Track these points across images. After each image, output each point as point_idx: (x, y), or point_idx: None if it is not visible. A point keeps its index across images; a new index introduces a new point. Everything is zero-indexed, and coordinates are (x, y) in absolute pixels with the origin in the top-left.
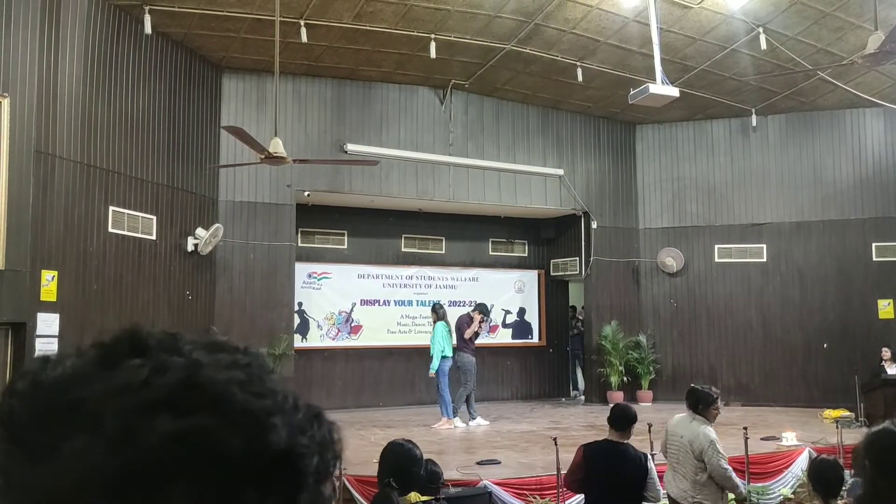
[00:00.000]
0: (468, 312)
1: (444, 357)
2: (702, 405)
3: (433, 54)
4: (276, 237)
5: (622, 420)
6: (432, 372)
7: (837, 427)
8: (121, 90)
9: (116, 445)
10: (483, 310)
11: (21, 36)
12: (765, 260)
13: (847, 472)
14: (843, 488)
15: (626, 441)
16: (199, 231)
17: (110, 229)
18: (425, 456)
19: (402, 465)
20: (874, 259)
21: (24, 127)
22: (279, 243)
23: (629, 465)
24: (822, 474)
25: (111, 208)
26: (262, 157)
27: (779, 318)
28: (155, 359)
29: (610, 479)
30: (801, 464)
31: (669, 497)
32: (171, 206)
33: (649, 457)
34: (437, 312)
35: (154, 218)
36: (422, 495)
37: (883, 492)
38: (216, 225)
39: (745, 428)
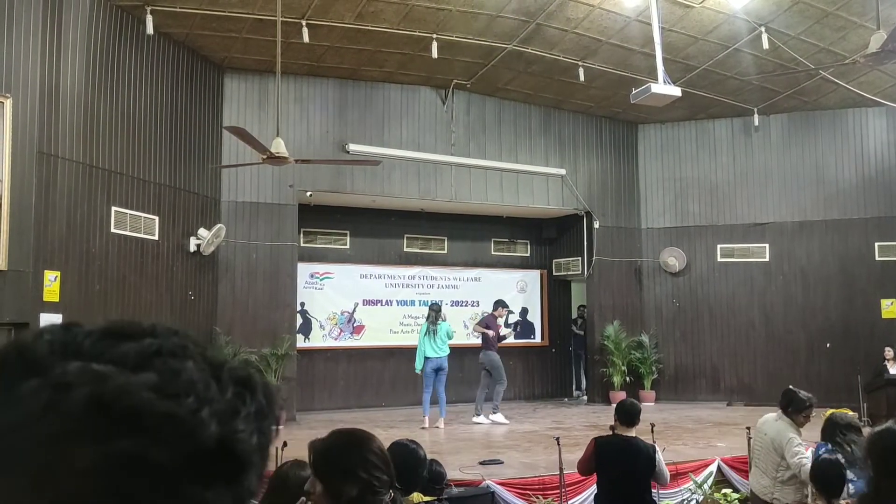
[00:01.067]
0: (491, 313)
1: (426, 357)
2: (792, 408)
3: (435, 54)
4: (279, 237)
5: (628, 415)
6: (441, 367)
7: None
8: (123, 91)
9: (39, 488)
10: (503, 304)
11: (23, 37)
12: (767, 259)
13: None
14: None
15: (633, 434)
16: (202, 231)
17: (113, 230)
18: (428, 456)
19: (405, 465)
20: (877, 259)
21: (27, 128)
22: (281, 243)
23: (640, 457)
24: (825, 474)
25: (113, 209)
26: (265, 157)
27: (781, 317)
28: (52, 374)
29: (621, 471)
30: None
31: (752, 492)
32: (174, 207)
33: (657, 449)
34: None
35: (156, 218)
36: (425, 496)
37: (885, 491)
38: (218, 225)
39: (748, 428)
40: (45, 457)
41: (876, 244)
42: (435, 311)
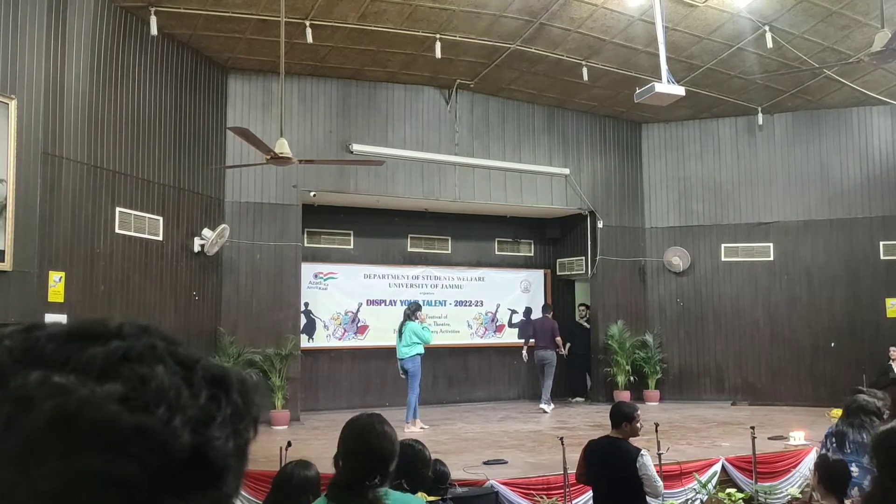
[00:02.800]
0: (548, 317)
1: (399, 358)
2: None
3: (438, 54)
4: (283, 237)
5: (615, 416)
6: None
7: None
8: (127, 91)
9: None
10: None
11: (28, 38)
12: (772, 259)
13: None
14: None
15: (621, 437)
16: (206, 232)
17: (117, 230)
18: (432, 456)
19: (411, 465)
20: (882, 258)
21: (32, 128)
22: (285, 243)
23: (619, 458)
24: (832, 473)
25: (118, 209)
26: (268, 157)
27: (786, 317)
28: (12, 386)
29: (606, 474)
30: (808, 463)
31: None
32: (178, 207)
33: (643, 452)
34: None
35: (160, 219)
36: (430, 495)
37: (891, 491)
38: (222, 225)
39: (753, 427)
40: (10, 477)
41: (881, 243)
42: (412, 310)
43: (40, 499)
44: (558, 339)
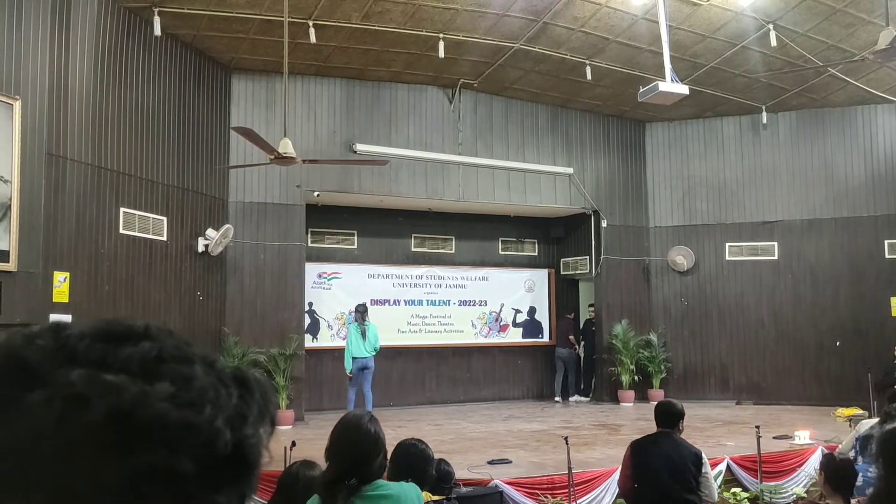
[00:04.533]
0: (567, 317)
1: (354, 357)
2: None
3: (442, 54)
4: (286, 237)
5: (670, 415)
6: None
7: (850, 426)
8: (131, 92)
9: (53, 499)
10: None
11: (32, 39)
12: (776, 258)
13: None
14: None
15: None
16: (210, 232)
17: (121, 230)
18: (436, 455)
19: (414, 465)
20: (887, 256)
21: (36, 129)
22: (289, 243)
23: (682, 458)
24: (839, 473)
25: (122, 210)
26: (272, 157)
27: (791, 316)
28: (56, 384)
29: (665, 474)
30: (813, 463)
31: None
32: (182, 207)
33: (703, 453)
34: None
35: (165, 219)
36: (433, 495)
37: None
38: (226, 226)
39: (758, 427)
40: (66, 472)
41: (886, 242)
42: (361, 312)
43: (101, 493)
44: (571, 337)
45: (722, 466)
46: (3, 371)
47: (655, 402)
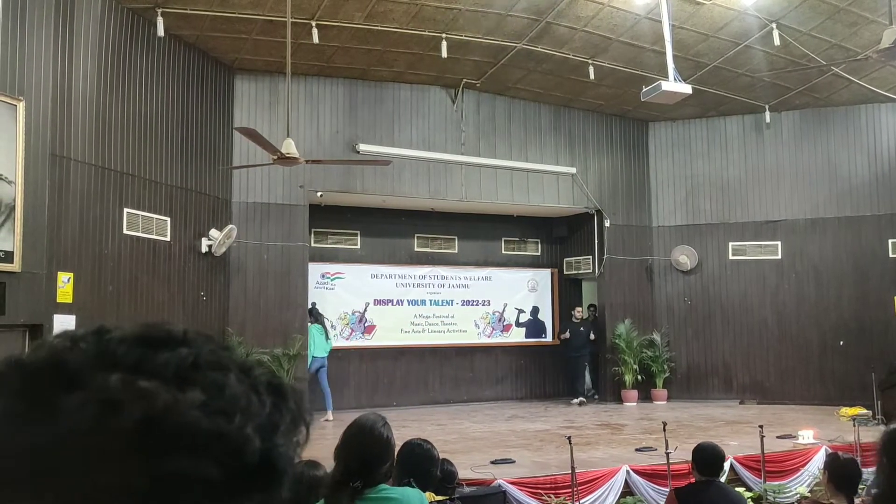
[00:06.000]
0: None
1: (314, 357)
2: None
3: (444, 54)
4: (290, 238)
5: (716, 460)
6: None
7: (854, 425)
8: (134, 93)
9: (81, 499)
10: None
11: (35, 40)
12: (780, 257)
13: (865, 470)
14: (861, 487)
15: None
16: (213, 232)
17: (125, 231)
18: (440, 455)
19: (419, 465)
20: (890, 255)
21: (40, 130)
22: (292, 244)
23: (732, 500)
24: (842, 472)
25: (126, 210)
26: (275, 157)
27: (794, 315)
28: (93, 387)
29: None
30: (817, 462)
31: None
32: (185, 208)
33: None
34: (314, 315)
35: (168, 219)
36: (437, 495)
37: None
38: (230, 226)
39: (761, 426)
40: (94, 474)
41: (889, 241)
42: (315, 315)
43: (128, 496)
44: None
45: (726, 466)
46: (44, 372)
47: (661, 403)
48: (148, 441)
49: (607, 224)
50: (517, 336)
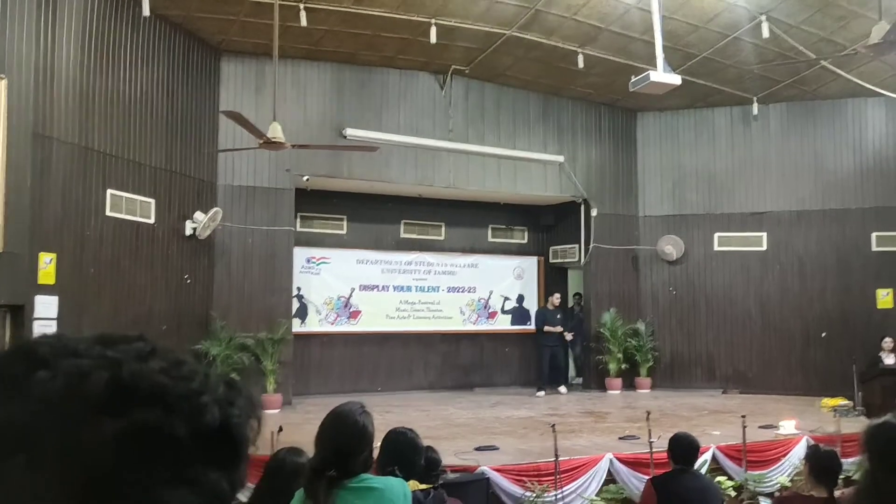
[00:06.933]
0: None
1: None
2: None
3: (433, 39)
4: (275, 222)
5: (691, 450)
6: None
7: (835, 416)
8: (119, 72)
9: (63, 459)
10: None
11: (18, 17)
12: (765, 249)
13: (846, 461)
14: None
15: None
16: (198, 215)
17: (108, 212)
18: (424, 442)
19: (403, 453)
20: (874, 249)
21: (22, 109)
22: (278, 228)
23: (710, 497)
24: (822, 464)
25: (109, 191)
26: (261, 142)
27: (778, 306)
28: (60, 366)
29: None
30: (798, 452)
31: None
32: (170, 190)
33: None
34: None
35: (152, 201)
36: (421, 483)
37: (883, 484)
38: (215, 209)
39: (744, 416)
40: (69, 431)
41: (873, 234)
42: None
43: (103, 448)
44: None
45: (708, 455)
46: (15, 357)
47: (644, 391)
48: (116, 399)
49: (594, 213)
50: (502, 323)
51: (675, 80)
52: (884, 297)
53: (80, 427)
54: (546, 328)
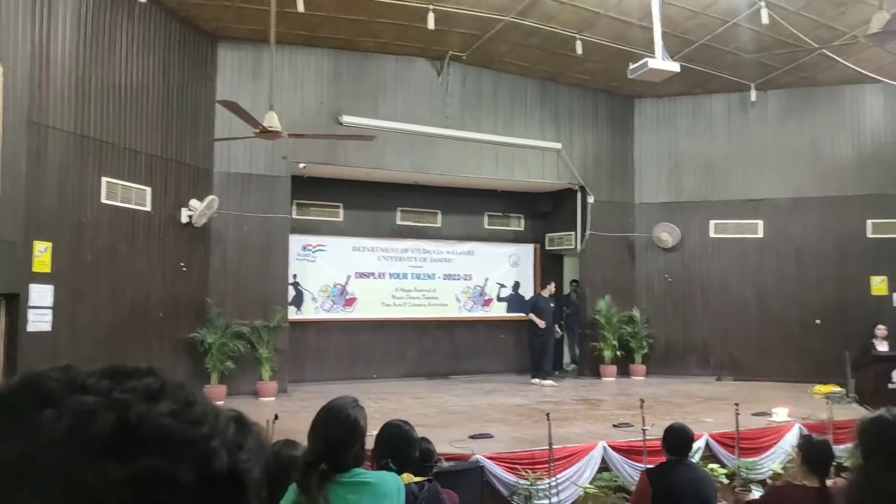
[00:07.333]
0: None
1: None
2: None
3: (431, 25)
4: (271, 209)
5: (685, 440)
6: None
7: (828, 403)
8: (114, 60)
9: (66, 501)
10: None
11: (13, 4)
12: (761, 236)
13: (838, 448)
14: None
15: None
16: (194, 202)
17: (104, 200)
18: (419, 431)
19: (398, 446)
20: (869, 236)
21: (18, 97)
22: (274, 215)
23: (705, 488)
24: (816, 454)
25: (105, 179)
26: (258, 131)
27: (774, 294)
28: (68, 404)
29: (689, 499)
30: (790, 440)
31: None
32: (166, 178)
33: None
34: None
35: (148, 189)
36: (416, 476)
37: (875, 478)
38: (211, 196)
39: (737, 404)
40: (73, 476)
41: (869, 221)
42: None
43: (107, 494)
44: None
45: (701, 443)
46: (22, 392)
47: (639, 378)
48: (123, 443)
49: (591, 200)
50: (498, 310)
51: (674, 67)
52: (878, 285)
53: (85, 470)
54: (531, 316)
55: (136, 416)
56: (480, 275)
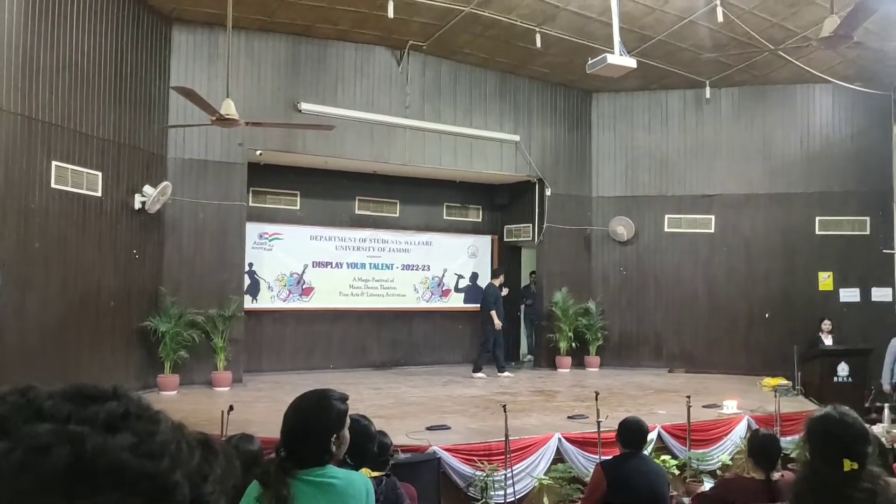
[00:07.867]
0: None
1: None
2: None
3: (391, 14)
4: (227, 196)
5: (640, 434)
6: None
7: (775, 395)
8: (65, 39)
9: None
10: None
11: None
12: (713, 231)
13: (784, 440)
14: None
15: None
16: (147, 188)
17: (53, 185)
18: (376, 424)
19: (357, 441)
20: (817, 232)
21: None
22: (230, 203)
23: (657, 480)
24: (762, 447)
25: (54, 163)
26: (214, 118)
27: (724, 287)
28: (20, 436)
29: (641, 499)
30: (739, 431)
31: None
32: (118, 162)
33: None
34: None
35: (99, 174)
36: (373, 471)
37: (821, 475)
38: (164, 182)
39: (689, 397)
40: None
41: (817, 218)
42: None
43: None
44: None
45: (653, 434)
46: None
47: (593, 370)
48: (76, 480)
49: (548, 193)
50: (456, 301)
51: (631, 63)
52: (824, 280)
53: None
54: (493, 314)
55: (92, 450)
56: (439, 265)
